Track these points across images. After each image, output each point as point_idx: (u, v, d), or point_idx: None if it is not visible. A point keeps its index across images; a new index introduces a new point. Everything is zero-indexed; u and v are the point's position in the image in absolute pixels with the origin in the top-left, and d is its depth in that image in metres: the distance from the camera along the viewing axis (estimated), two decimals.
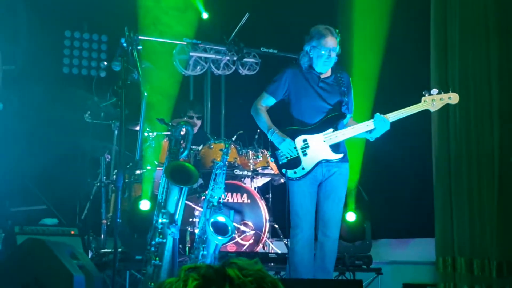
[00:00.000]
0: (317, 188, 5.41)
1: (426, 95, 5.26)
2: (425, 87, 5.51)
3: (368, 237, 6.93)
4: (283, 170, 5.35)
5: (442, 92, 5.27)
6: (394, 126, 5.43)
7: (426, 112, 5.92)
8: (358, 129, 5.38)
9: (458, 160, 6.24)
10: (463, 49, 6.29)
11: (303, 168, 5.31)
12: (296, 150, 5.32)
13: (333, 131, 5.37)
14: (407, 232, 7.89)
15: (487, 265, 6.00)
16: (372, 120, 5.32)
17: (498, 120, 6.08)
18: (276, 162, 5.44)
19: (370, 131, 5.35)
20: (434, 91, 5.27)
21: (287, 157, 5.32)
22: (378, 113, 5.29)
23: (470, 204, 6.15)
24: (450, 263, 6.19)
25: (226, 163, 5.71)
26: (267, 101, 5.54)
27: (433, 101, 5.26)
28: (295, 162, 5.32)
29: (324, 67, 5.47)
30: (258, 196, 7.00)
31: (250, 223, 6.84)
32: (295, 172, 5.32)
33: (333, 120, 5.41)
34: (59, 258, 4.97)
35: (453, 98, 5.28)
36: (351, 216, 6.85)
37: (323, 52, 5.38)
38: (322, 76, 5.51)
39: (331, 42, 5.40)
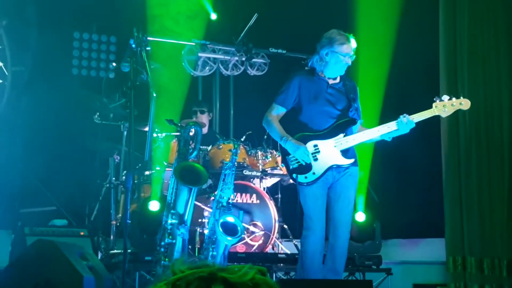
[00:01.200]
0: (328, 190, 5.40)
1: (437, 101, 5.23)
2: (435, 89, 5.52)
3: (378, 237, 6.91)
4: (293, 175, 5.34)
5: (454, 98, 5.23)
6: None
7: None
8: (371, 133, 5.37)
9: (468, 160, 6.22)
10: (472, 51, 6.27)
11: (313, 173, 5.29)
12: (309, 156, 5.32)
13: (344, 136, 5.37)
14: (417, 232, 7.87)
15: (497, 264, 5.99)
16: (395, 122, 5.29)
17: (508, 120, 6.06)
18: (287, 167, 5.42)
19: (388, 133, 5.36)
20: (445, 97, 5.22)
21: (298, 162, 5.31)
22: (402, 115, 5.27)
23: (480, 204, 6.13)
24: (460, 262, 6.17)
25: (235, 163, 5.71)
26: (278, 111, 5.52)
27: (444, 106, 5.22)
28: (306, 167, 5.30)
29: (339, 72, 5.48)
30: (267, 196, 6.99)
31: (259, 224, 6.84)
32: (305, 177, 5.30)
33: (344, 125, 5.41)
34: (69, 259, 4.98)
35: (464, 104, 5.23)
36: (361, 217, 6.84)
37: (341, 57, 5.38)
38: (331, 82, 5.50)
39: (349, 48, 5.41)
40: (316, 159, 5.30)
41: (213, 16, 8.31)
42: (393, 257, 7.46)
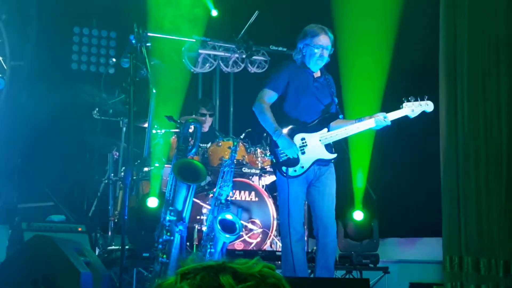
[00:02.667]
0: (307, 189, 5.45)
1: (405, 101, 5.57)
2: (434, 83, 5.67)
3: (376, 236, 6.92)
4: (283, 168, 5.37)
5: (419, 99, 5.62)
6: (402, 125, 5.55)
7: (434, 112, 5.92)
8: (351, 130, 5.54)
9: (466, 159, 6.21)
10: (472, 44, 6.26)
11: (302, 167, 5.40)
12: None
13: (327, 131, 5.49)
14: (414, 231, 7.88)
15: (494, 264, 5.98)
16: (373, 119, 5.48)
17: (507, 117, 6.05)
18: (276, 159, 5.45)
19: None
20: (412, 98, 5.60)
21: (286, 155, 5.36)
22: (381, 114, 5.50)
23: (477, 203, 6.12)
24: (457, 262, 6.17)
25: (234, 161, 5.71)
26: (271, 97, 5.54)
27: (412, 107, 5.59)
28: (294, 161, 5.36)
29: (315, 66, 5.55)
30: (266, 194, 6.99)
31: (257, 221, 6.84)
32: (295, 170, 5.39)
33: (328, 120, 5.56)
34: (66, 255, 4.98)
35: (429, 105, 5.67)
36: (358, 215, 6.84)
37: (316, 50, 5.46)
38: (315, 76, 5.57)
39: (325, 40, 5.50)
40: (303, 153, 5.41)
41: (214, 13, 8.29)
42: (390, 256, 7.46)
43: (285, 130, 5.41)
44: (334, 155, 5.51)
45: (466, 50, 6.23)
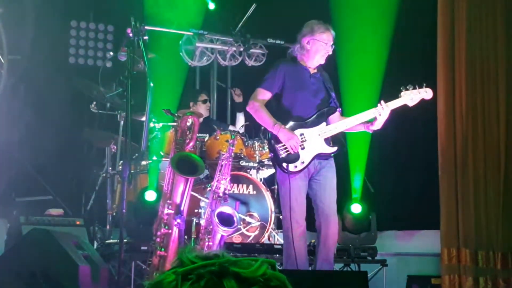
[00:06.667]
0: (308, 182, 5.46)
1: (403, 90, 5.55)
2: (432, 74, 5.68)
3: (374, 228, 6.93)
4: (284, 164, 5.38)
5: (417, 87, 5.58)
6: (399, 118, 5.55)
7: (432, 104, 5.92)
8: (350, 122, 5.56)
9: (464, 151, 6.22)
10: (470, 35, 6.25)
11: (302, 162, 5.41)
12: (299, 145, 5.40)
13: (326, 125, 5.52)
14: (412, 224, 7.89)
15: (492, 257, 5.99)
16: (373, 109, 5.49)
17: (505, 109, 6.05)
18: (276, 156, 5.44)
19: (367, 123, 5.50)
20: (410, 86, 5.56)
21: (287, 151, 5.36)
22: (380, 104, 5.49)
23: (475, 195, 6.13)
24: (455, 254, 6.17)
25: (232, 154, 5.71)
26: (264, 96, 5.58)
27: (411, 95, 5.56)
28: (294, 157, 5.37)
29: (319, 61, 5.61)
30: (264, 187, 7.00)
31: (255, 214, 6.84)
32: (295, 166, 5.39)
33: (325, 114, 5.58)
34: (64, 249, 4.99)
35: (428, 92, 5.62)
36: (356, 208, 6.85)
37: (323, 45, 5.53)
38: (311, 72, 5.60)
39: (331, 37, 5.59)
40: (303, 148, 5.40)
41: (211, 6, 8.28)
42: (388, 249, 7.47)
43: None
44: (334, 149, 5.53)
45: (465, 38, 6.22)
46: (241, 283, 1.30)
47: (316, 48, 5.54)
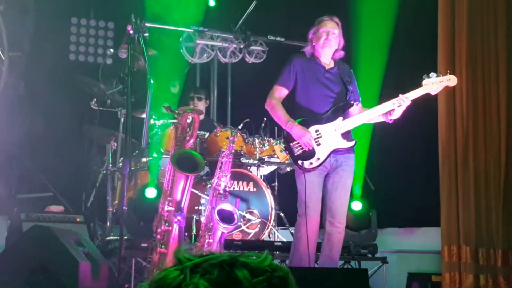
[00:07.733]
0: (324, 178, 5.42)
1: (426, 78, 5.40)
2: (433, 63, 5.66)
3: (374, 226, 6.93)
4: (299, 162, 5.33)
5: (441, 75, 5.46)
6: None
7: (433, 101, 5.91)
8: (369, 114, 5.48)
9: (465, 148, 6.22)
10: (471, 33, 6.25)
11: (318, 159, 5.32)
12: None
13: (343, 119, 5.43)
14: (412, 221, 7.88)
15: (493, 254, 5.99)
16: (393, 100, 5.38)
17: (506, 105, 6.05)
18: (291, 154, 5.41)
19: (386, 113, 5.42)
20: (433, 74, 5.42)
21: (302, 148, 5.32)
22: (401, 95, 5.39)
23: (476, 193, 6.13)
24: (455, 252, 6.17)
25: (232, 151, 5.71)
26: (280, 93, 5.54)
27: (433, 84, 5.41)
28: (310, 153, 5.32)
29: (324, 52, 5.53)
30: (264, 184, 6.99)
31: (256, 212, 6.84)
32: (311, 163, 5.32)
33: (342, 109, 5.49)
34: (65, 245, 5.00)
35: (452, 79, 5.46)
36: (357, 205, 6.85)
37: (321, 32, 5.50)
38: (327, 67, 5.55)
39: (330, 24, 5.54)
40: (319, 144, 5.33)
41: (212, 3, 8.27)
42: (389, 246, 7.47)
43: (299, 124, 5.38)
44: (352, 143, 5.44)
45: (465, 37, 6.22)
46: (252, 273, 1.34)
47: (317, 36, 5.52)
